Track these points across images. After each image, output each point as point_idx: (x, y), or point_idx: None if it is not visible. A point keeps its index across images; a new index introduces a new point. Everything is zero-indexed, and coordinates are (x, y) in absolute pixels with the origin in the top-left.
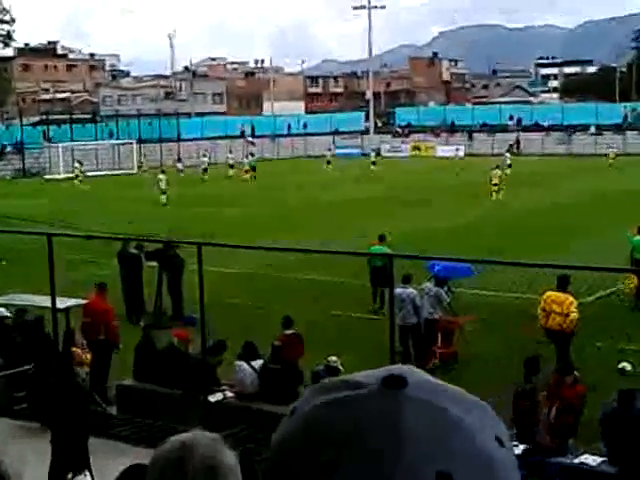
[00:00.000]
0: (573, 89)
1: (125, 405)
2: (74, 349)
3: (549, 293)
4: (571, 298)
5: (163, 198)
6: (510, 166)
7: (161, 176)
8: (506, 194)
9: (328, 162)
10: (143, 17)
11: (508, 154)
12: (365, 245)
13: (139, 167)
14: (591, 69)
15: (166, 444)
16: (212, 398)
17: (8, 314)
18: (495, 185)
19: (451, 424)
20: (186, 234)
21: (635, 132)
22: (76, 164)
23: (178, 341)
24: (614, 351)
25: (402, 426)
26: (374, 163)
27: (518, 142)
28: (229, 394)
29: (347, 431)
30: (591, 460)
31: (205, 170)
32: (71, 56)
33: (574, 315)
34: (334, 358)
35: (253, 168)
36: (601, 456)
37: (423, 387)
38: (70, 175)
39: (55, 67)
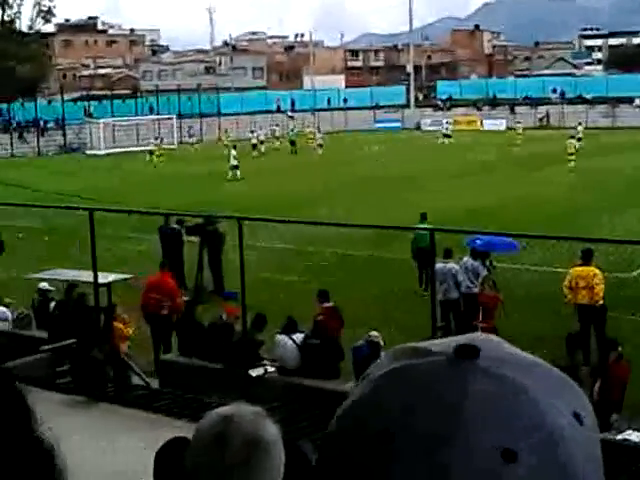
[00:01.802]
0: (618, 61)
1: (167, 379)
2: (116, 323)
3: (575, 268)
4: (596, 270)
5: (236, 173)
6: (580, 139)
7: (233, 151)
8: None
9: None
10: None
11: (580, 127)
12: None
13: (219, 140)
14: (637, 40)
15: (208, 418)
16: (253, 372)
17: (51, 288)
18: (571, 155)
19: (520, 399)
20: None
21: None
22: (153, 139)
23: (227, 316)
24: None
25: (466, 400)
26: (449, 136)
27: (548, 116)
28: (270, 369)
29: (408, 402)
30: (635, 436)
31: (254, 146)
32: (111, 32)
33: (599, 288)
34: (375, 333)
35: (292, 142)
36: None
37: (497, 358)
38: (113, 151)
39: (95, 42)
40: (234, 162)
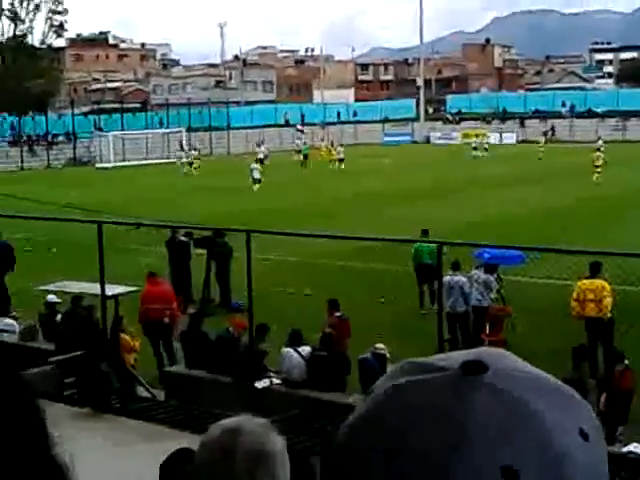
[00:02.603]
0: (629, 75)
1: (172, 391)
2: (123, 335)
3: (584, 281)
4: (604, 283)
5: (256, 187)
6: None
7: (255, 165)
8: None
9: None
10: (194, 7)
11: (600, 141)
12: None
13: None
14: None
15: (214, 429)
16: (259, 385)
17: (58, 300)
18: (597, 167)
19: (525, 416)
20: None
21: None
22: (192, 151)
23: (234, 328)
24: None
25: (471, 417)
26: (483, 149)
27: (553, 129)
28: (276, 381)
29: (414, 419)
30: None
31: (261, 161)
32: (122, 46)
33: (607, 301)
34: (381, 345)
35: (305, 156)
36: None
37: (504, 374)
38: (120, 164)
39: (107, 57)
40: (257, 176)
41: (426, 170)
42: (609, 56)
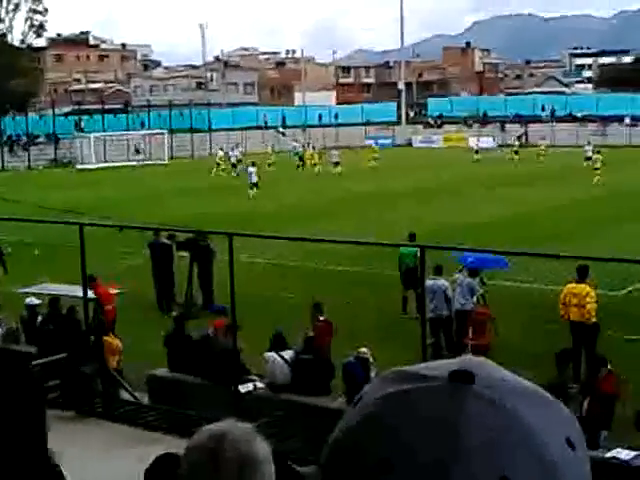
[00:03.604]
0: (608, 79)
1: (156, 394)
2: (106, 338)
3: (569, 285)
4: (588, 289)
5: (253, 192)
6: (589, 158)
7: (252, 169)
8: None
9: None
10: (175, 7)
11: (589, 146)
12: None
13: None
14: (627, 59)
15: (199, 434)
16: (243, 389)
17: (38, 302)
18: (596, 170)
19: (513, 426)
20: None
21: None
22: (220, 152)
23: (213, 330)
24: None
25: (464, 428)
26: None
27: (526, 134)
28: (260, 385)
29: (404, 429)
30: (624, 454)
31: (234, 165)
32: (103, 46)
33: (590, 306)
34: (364, 350)
35: (300, 158)
36: (635, 450)
37: (491, 383)
38: (104, 165)
39: (87, 57)
40: (255, 180)
41: (423, 172)
42: (588, 61)
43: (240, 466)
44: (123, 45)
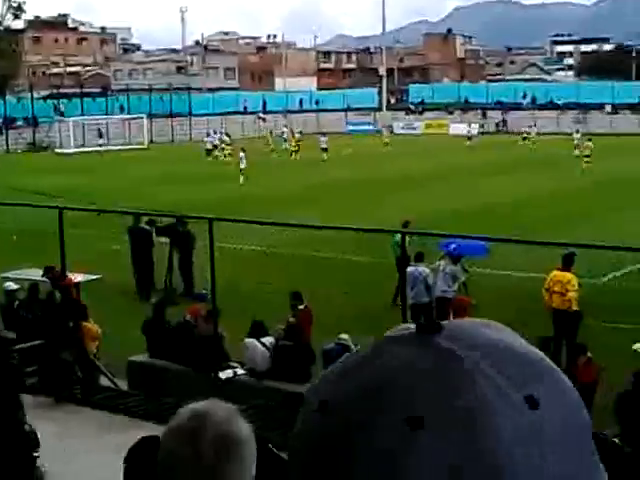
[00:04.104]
0: (589, 67)
1: (136, 381)
2: (85, 324)
3: (554, 272)
4: (570, 276)
5: (241, 179)
6: (578, 146)
7: (242, 154)
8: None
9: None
10: None
11: (577, 134)
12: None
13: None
14: (608, 47)
15: (182, 413)
16: (223, 375)
17: (16, 287)
18: (587, 157)
19: (448, 371)
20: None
21: None
22: (224, 136)
23: (190, 317)
24: (629, 332)
25: (409, 377)
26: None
27: (505, 121)
28: (240, 371)
29: (361, 375)
30: None
31: (208, 152)
32: (82, 29)
33: (571, 294)
34: (345, 336)
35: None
36: (614, 437)
37: (458, 336)
38: (82, 150)
39: (66, 40)
40: (243, 166)
41: (419, 159)
42: (570, 48)
43: (221, 445)
44: (102, 28)
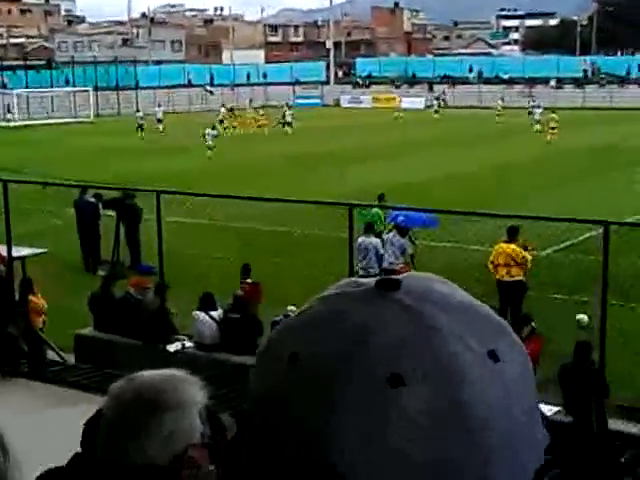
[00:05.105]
0: (534, 42)
1: (84, 354)
2: (31, 297)
3: (499, 244)
4: (514, 247)
5: (209, 153)
6: (539, 120)
7: (210, 130)
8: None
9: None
10: None
11: (538, 110)
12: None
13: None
14: (553, 22)
15: (119, 381)
16: (171, 348)
17: None
18: (553, 129)
19: (420, 330)
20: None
21: (595, 86)
22: (222, 109)
23: (135, 290)
24: (571, 303)
25: (370, 329)
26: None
27: (444, 94)
28: (188, 344)
29: (314, 326)
30: (546, 410)
31: (159, 120)
32: (25, 0)
33: (516, 266)
34: (293, 308)
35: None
36: (556, 406)
37: (415, 291)
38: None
39: (9, 11)
40: (211, 142)
41: (353, 133)
42: (515, 23)
43: (150, 409)
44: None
